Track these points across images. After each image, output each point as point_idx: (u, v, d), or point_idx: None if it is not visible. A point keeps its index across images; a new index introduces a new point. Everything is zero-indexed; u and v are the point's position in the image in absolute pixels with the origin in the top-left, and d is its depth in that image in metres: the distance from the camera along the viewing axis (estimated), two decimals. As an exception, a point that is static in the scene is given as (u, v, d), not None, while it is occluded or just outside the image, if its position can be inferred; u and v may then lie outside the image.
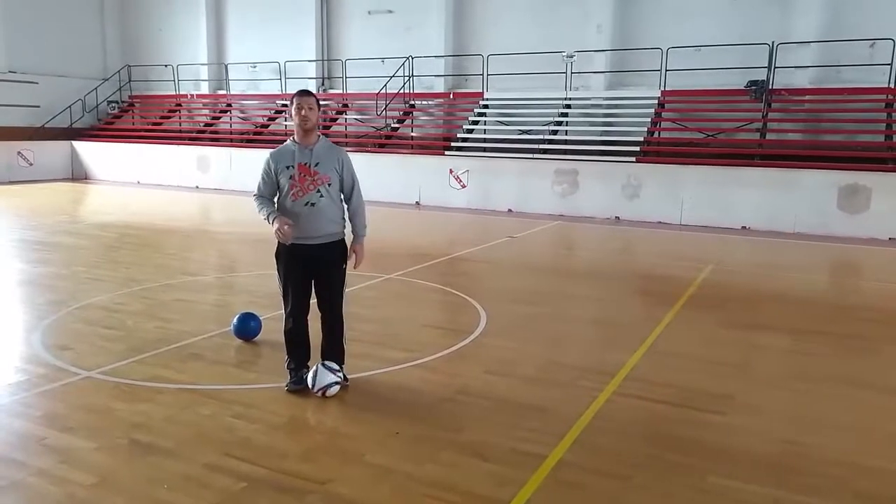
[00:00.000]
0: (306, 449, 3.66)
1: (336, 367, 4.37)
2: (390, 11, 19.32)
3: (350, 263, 4.43)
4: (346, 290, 4.52)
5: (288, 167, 4.21)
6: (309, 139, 4.25)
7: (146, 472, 3.38)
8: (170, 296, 6.91)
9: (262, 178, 4.32)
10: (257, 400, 4.27)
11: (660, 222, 13.59)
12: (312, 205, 4.20)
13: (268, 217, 4.25)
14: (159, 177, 20.02)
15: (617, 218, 14.07)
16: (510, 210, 15.04)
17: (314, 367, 4.35)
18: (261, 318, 5.47)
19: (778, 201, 12.78)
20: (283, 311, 4.44)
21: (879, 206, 12.07)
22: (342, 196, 4.37)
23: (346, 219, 4.43)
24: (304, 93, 4.27)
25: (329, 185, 4.24)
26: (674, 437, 3.88)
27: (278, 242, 4.33)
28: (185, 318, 6.12)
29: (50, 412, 4.10)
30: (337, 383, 4.31)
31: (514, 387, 4.61)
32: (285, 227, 4.14)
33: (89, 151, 21.49)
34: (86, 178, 21.28)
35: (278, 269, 4.40)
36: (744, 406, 4.35)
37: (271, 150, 4.38)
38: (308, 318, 4.47)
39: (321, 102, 20.31)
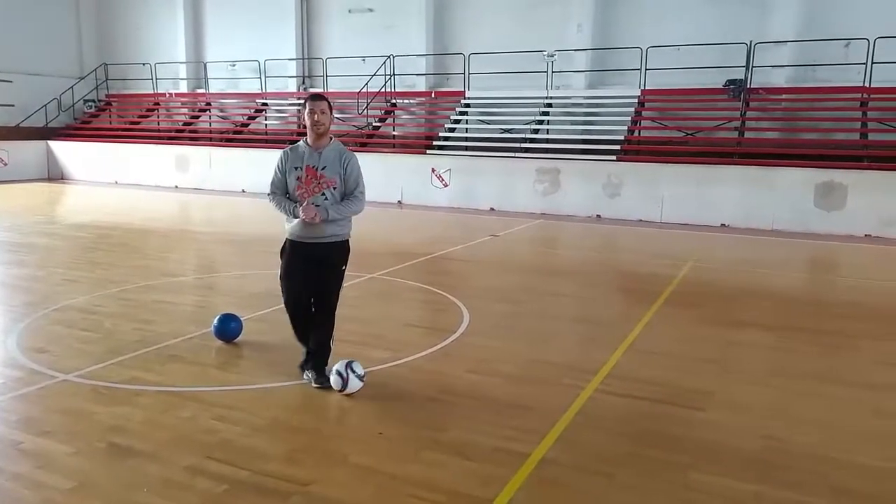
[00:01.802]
0: (289, 450, 3.64)
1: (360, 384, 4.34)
2: (370, 10, 19.26)
3: (300, 211, 4.25)
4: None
5: (297, 168, 4.32)
6: (320, 142, 4.33)
7: (125, 476, 3.34)
8: (149, 297, 6.82)
9: (275, 175, 4.44)
10: (239, 401, 4.23)
11: (640, 220, 13.70)
12: (317, 206, 4.26)
13: (290, 213, 4.35)
14: (137, 176, 19.79)
15: (598, 216, 14.15)
16: (492, 209, 15.07)
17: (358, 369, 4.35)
18: (242, 319, 5.42)
19: (756, 199, 12.94)
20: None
21: (855, 204, 12.26)
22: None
23: (351, 221, 4.49)
24: (317, 97, 4.33)
25: (334, 188, 4.32)
26: (656, 433, 3.91)
27: (285, 239, 4.48)
28: (165, 319, 6.05)
29: (26, 416, 4.03)
30: (341, 390, 4.32)
31: (498, 385, 4.61)
32: (305, 212, 4.22)
33: (65, 151, 21.17)
34: (62, 179, 20.97)
35: (281, 264, 4.55)
36: (724, 402, 4.40)
37: (286, 147, 4.48)
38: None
39: (298, 101, 19.92)
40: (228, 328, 5.30)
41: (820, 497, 3.25)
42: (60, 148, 21.25)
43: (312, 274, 4.41)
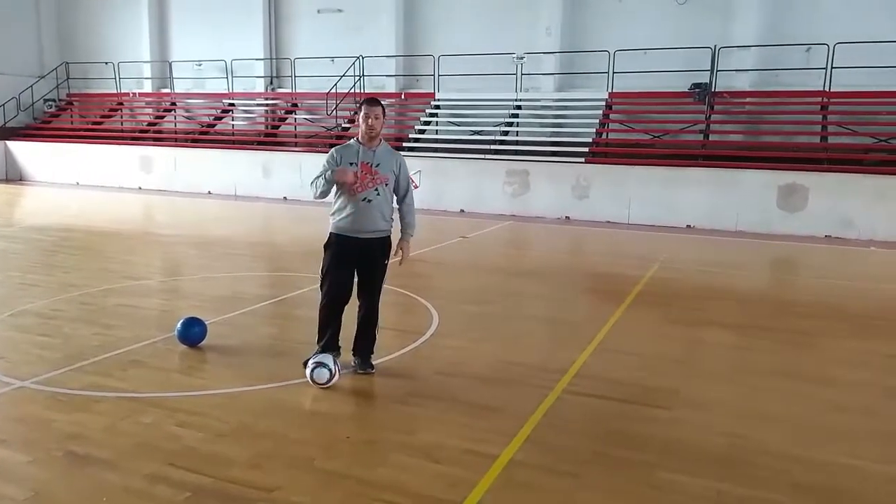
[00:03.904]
0: (254, 456, 3.57)
1: (337, 371, 4.40)
2: (340, 10, 19.15)
3: (397, 259, 4.78)
4: (299, 292, 4.48)
5: (352, 163, 4.52)
6: (373, 143, 4.58)
7: (84, 485, 3.25)
8: (110, 301, 6.67)
9: (325, 167, 4.56)
10: (203, 407, 4.15)
11: (608, 221, 13.84)
12: (369, 201, 4.51)
13: (327, 178, 4.47)
14: (100, 178, 19.38)
15: (567, 218, 14.26)
16: (462, 210, 15.09)
17: (329, 355, 4.45)
18: (206, 323, 5.32)
19: (720, 200, 13.18)
20: (320, 296, 4.70)
21: (816, 205, 12.57)
22: (395, 196, 4.72)
23: (394, 218, 4.72)
24: (373, 101, 4.58)
25: (386, 184, 4.58)
26: (622, 433, 3.94)
27: (329, 234, 4.62)
28: (127, 323, 5.91)
29: (-21, 425, 3.90)
30: (329, 373, 4.35)
31: (467, 387, 4.61)
32: (349, 174, 4.40)
33: (25, 151, 20.65)
34: (20, 180, 20.44)
35: (324, 259, 4.67)
36: (689, 401, 4.45)
37: (336, 146, 4.74)
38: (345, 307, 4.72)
39: (272, 101, 19.81)
40: (192, 332, 5.20)
41: (781, 494, 3.31)
42: (19, 148, 20.71)
43: (361, 267, 4.65)
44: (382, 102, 4.66)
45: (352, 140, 4.66)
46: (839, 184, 12.56)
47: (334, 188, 4.56)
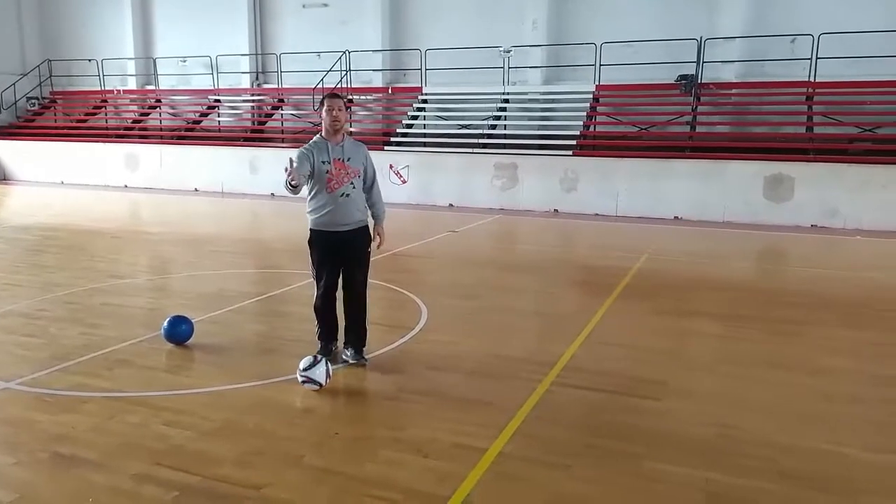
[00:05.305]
0: (242, 454, 3.55)
1: (327, 376, 4.35)
2: (325, 5, 19.04)
3: (375, 244, 4.81)
4: (286, 288, 4.46)
5: (324, 161, 4.56)
6: (337, 137, 4.62)
7: (70, 487, 3.22)
8: (96, 300, 6.61)
9: (300, 159, 4.49)
10: (190, 405, 4.12)
11: (597, 214, 13.88)
12: (347, 196, 4.57)
13: (288, 183, 4.38)
14: (85, 176, 19.20)
15: (555, 211, 14.28)
16: (451, 204, 15.07)
17: (320, 359, 4.39)
18: (193, 321, 5.29)
19: (708, 192, 13.24)
20: (315, 290, 4.79)
21: (802, 195, 12.65)
22: (364, 186, 4.75)
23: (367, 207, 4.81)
24: (334, 95, 4.68)
25: (359, 177, 4.65)
26: (611, 424, 3.95)
27: (310, 231, 4.68)
28: (113, 322, 5.86)
29: (-37, 427, 3.85)
30: (320, 386, 4.31)
31: (456, 381, 4.60)
32: (290, 169, 4.28)
33: (7, 150, 20.41)
34: (4, 179, 20.21)
35: (312, 256, 4.74)
36: (677, 391, 4.47)
37: (303, 146, 4.68)
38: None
39: (258, 97, 19.69)
40: (179, 331, 5.16)
41: (769, 482, 3.33)
42: (2, 147, 20.46)
43: (346, 259, 4.69)
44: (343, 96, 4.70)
45: (316, 137, 4.67)
46: (825, 174, 12.65)
47: (307, 184, 4.57)
